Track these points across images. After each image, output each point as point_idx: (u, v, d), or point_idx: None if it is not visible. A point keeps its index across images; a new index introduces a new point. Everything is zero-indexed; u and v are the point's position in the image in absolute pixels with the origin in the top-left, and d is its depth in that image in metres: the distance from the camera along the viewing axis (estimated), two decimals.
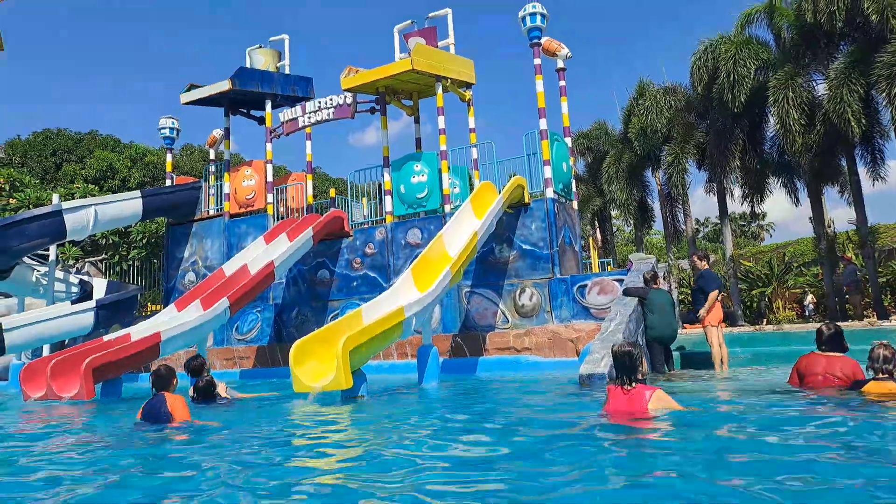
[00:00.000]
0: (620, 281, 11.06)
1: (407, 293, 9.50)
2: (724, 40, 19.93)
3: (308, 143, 16.60)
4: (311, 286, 14.57)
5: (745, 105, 19.16)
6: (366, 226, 14.57)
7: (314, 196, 16.57)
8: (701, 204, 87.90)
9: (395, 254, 13.63)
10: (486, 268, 12.67)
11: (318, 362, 8.15)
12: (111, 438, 5.58)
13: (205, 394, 7.09)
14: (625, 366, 4.79)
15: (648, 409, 4.65)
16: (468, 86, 14.58)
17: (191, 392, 7.13)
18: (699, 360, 10.16)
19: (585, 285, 11.67)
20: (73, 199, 17.90)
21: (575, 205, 14.02)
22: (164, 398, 5.55)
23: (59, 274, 15.22)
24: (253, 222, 15.48)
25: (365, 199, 16.38)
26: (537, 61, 13.24)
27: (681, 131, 22.22)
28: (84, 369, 9.51)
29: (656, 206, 27.28)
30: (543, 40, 13.54)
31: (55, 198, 14.46)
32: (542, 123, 12.79)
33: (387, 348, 12.27)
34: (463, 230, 11.04)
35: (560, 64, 14.31)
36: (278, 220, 15.26)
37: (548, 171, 12.56)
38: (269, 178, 15.50)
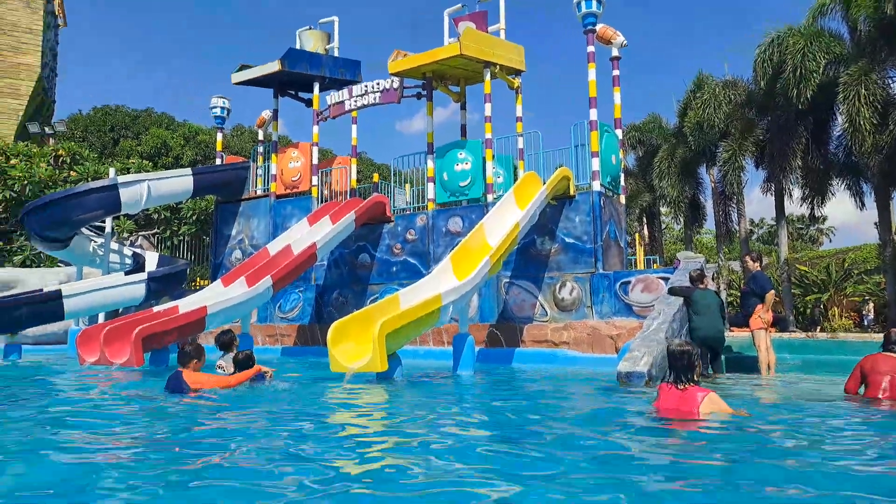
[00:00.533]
0: (666, 279, 10.76)
1: (445, 280, 9.46)
2: (793, 32, 19.09)
3: (354, 126, 16.67)
4: (351, 269, 14.68)
5: (812, 101, 18.37)
6: (407, 212, 14.57)
7: (358, 180, 16.66)
8: (757, 204, 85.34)
9: (435, 241, 13.60)
10: (526, 259, 12.52)
11: (354, 344, 8.20)
12: (137, 405, 5.71)
13: (242, 368, 7.18)
14: (682, 365, 4.73)
15: (700, 412, 4.54)
16: (517, 73, 14.36)
17: (219, 363, 7.24)
18: (746, 364, 9.83)
19: (629, 282, 11.40)
20: (129, 174, 18.43)
21: (622, 199, 13.70)
22: (180, 374, 5.71)
23: (115, 246, 15.74)
24: (298, 204, 15.67)
25: (408, 186, 16.38)
26: (591, 49, 12.91)
27: (739, 127, 21.50)
28: (134, 338, 9.79)
29: (709, 204, 26.55)
30: (598, 27, 13.18)
31: (112, 172, 14.94)
32: (593, 114, 12.51)
33: (423, 334, 12.31)
34: (504, 220, 10.91)
35: (615, 52, 13.92)
36: (322, 202, 15.41)
37: (595, 164, 12.29)
38: (315, 161, 15.63)
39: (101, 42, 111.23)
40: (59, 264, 16.82)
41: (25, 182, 17.03)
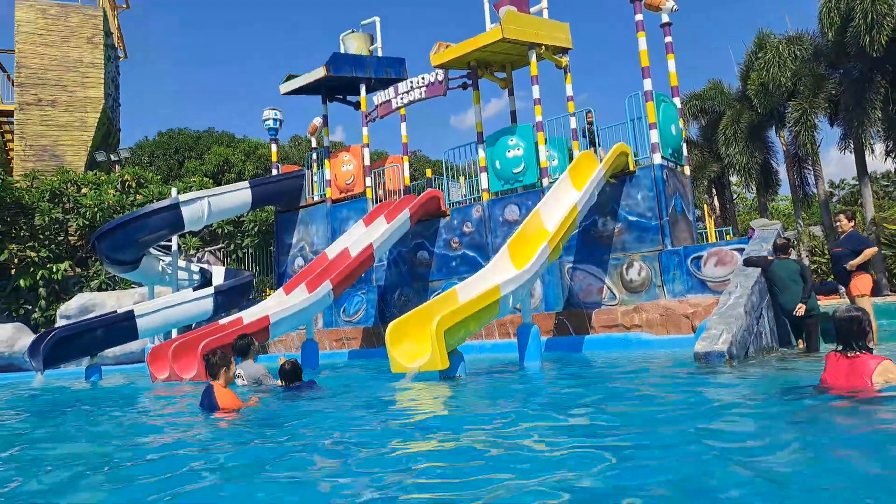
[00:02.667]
0: (741, 250, 10.08)
1: (503, 271, 9.13)
2: None
3: (403, 124, 16.53)
4: (411, 267, 14.54)
5: (887, 47, 16.97)
6: (463, 204, 14.31)
7: (412, 178, 16.51)
8: (836, 164, 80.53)
9: (493, 231, 13.28)
10: (589, 242, 12.03)
11: (413, 342, 8.01)
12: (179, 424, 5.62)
13: (293, 377, 7.06)
14: (851, 332, 4.30)
15: (872, 382, 4.09)
16: (564, 51, 13.84)
17: (238, 372, 7.12)
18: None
19: (701, 256, 10.76)
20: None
21: (687, 171, 12.99)
22: (212, 389, 5.57)
23: (182, 263, 16.16)
24: (353, 206, 15.66)
25: (463, 179, 16.11)
26: (639, 17, 12.30)
27: (809, 84, 20.18)
28: (200, 352, 9.93)
29: (782, 169, 25.12)
30: None
31: (174, 192, 15.33)
32: (647, 84, 11.90)
33: (487, 327, 12.03)
34: (561, 203, 10.48)
35: (665, 18, 13.21)
36: (377, 202, 15.34)
37: (654, 136, 11.68)
38: (367, 162, 15.58)
39: (160, 70, 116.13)
40: (133, 286, 17.43)
41: (96, 209, 17.75)
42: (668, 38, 13.16)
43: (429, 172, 16.92)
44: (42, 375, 11.80)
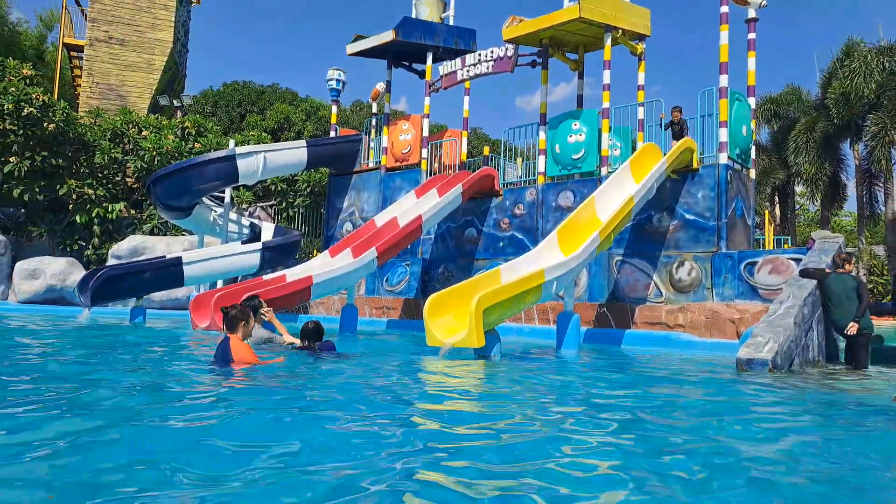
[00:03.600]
0: (798, 261, 9.66)
1: (550, 255, 8.97)
2: None
3: (466, 98, 16.32)
4: (458, 243, 14.46)
5: None
6: (517, 185, 14.10)
7: (469, 154, 16.33)
8: None
9: (544, 216, 13.06)
10: (641, 236, 11.72)
11: (452, 318, 7.95)
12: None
13: (314, 336, 6.97)
14: None
15: None
16: (641, 38, 13.39)
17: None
18: None
19: (755, 262, 10.36)
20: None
21: (752, 174, 12.49)
22: (228, 341, 5.51)
23: (233, 216, 16.38)
24: (406, 176, 15.61)
25: (520, 160, 15.87)
26: (724, 9, 11.75)
27: (893, 98, 19.11)
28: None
29: (851, 184, 24.01)
30: None
31: (231, 143, 15.52)
32: (723, 80, 11.42)
33: (528, 311, 11.90)
34: (618, 194, 10.21)
35: (752, 14, 12.63)
36: (431, 175, 15.25)
37: (723, 134, 11.23)
38: (425, 133, 15.47)
39: (231, 19, 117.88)
40: (184, 233, 17.80)
41: (154, 153, 18.07)
42: (752, 35, 12.60)
43: (486, 150, 16.73)
44: (88, 311, 12.14)
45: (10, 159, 16.45)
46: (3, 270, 16.20)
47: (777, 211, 25.77)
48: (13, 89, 16.26)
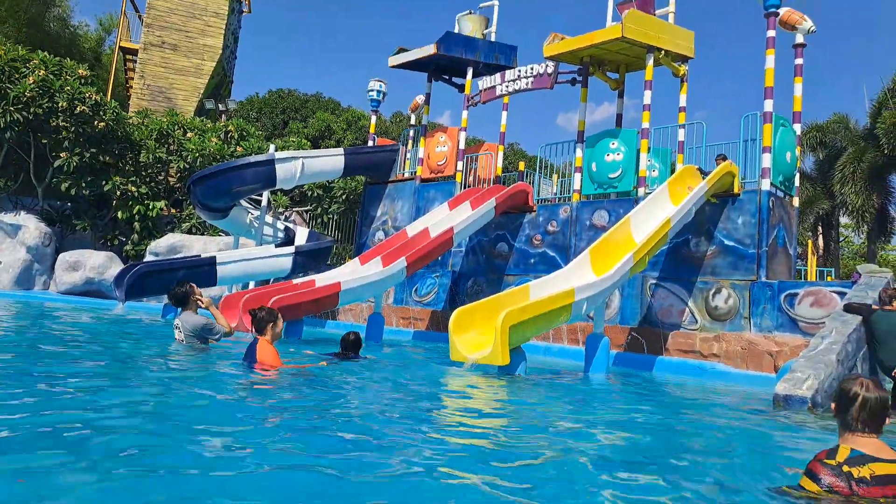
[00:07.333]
0: (842, 294, 9.30)
1: (581, 275, 8.81)
2: None
3: (504, 113, 16.27)
4: (489, 258, 14.36)
5: None
6: (551, 202, 13.95)
7: (504, 169, 16.25)
8: None
9: (577, 235, 12.87)
10: (677, 260, 11.45)
11: (477, 333, 7.86)
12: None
13: (352, 347, 7.01)
14: None
15: None
16: (684, 59, 13.18)
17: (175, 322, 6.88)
18: None
19: (796, 294, 10.01)
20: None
21: (795, 202, 12.14)
22: (255, 343, 5.56)
23: (269, 219, 16.58)
24: (441, 188, 15.60)
25: (556, 177, 15.71)
26: (771, 34, 11.49)
27: None
28: (272, 306, 10.15)
29: None
30: (783, 10, 11.71)
31: (271, 148, 15.74)
32: (768, 105, 11.13)
33: (556, 330, 11.71)
34: (655, 215, 10.01)
35: (799, 39, 12.31)
36: (465, 188, 15.21)
37: (766, 160, 10.93)
38: (461, 146, 15.45)
39: (280, 30, 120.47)
40: (221, 233, 18.07)
41: (197, 154, 18.47)
42: (800, 61, 12.29)
43: (521, 165, 16.60)
44: (123, 305, 12.35)
45: (61, 154, 16.99)
46: (46, 261, 16.63)
47: (820, 241, 25.04)
48: (68, 88, 16.78)
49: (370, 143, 17.88)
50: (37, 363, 5.27)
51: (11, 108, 16.13)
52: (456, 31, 16.19)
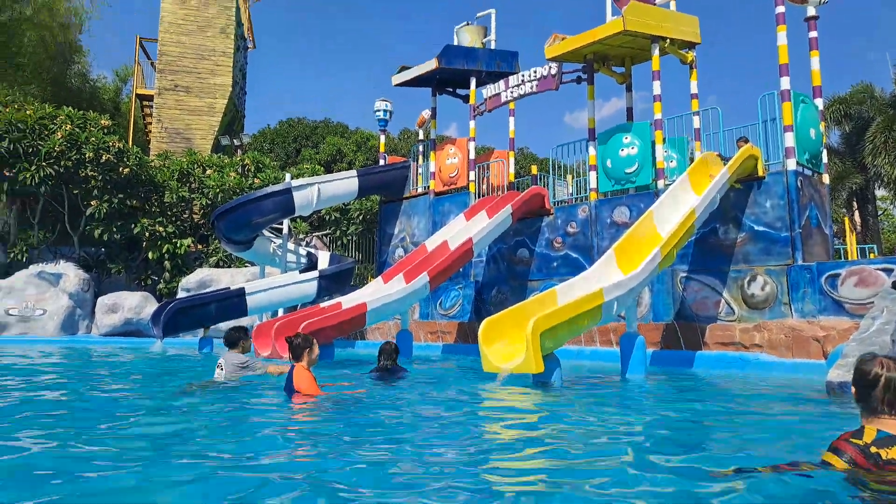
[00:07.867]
0: (888, 271, 8.89)
1: (608, 274, 8.53)
2: None
3: (511, 119, 16.12)
4: (510, 265, 14.13)
5: None
6: (568, 203, 13.70)
7: (517, 174, 16.05)
8: None
9: (599, 234, 12.59)
10: (706, 250, 11.10)
11: (508, 342, 7.63)
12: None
13: (390, 354, 7.07)
14: None
15: None
16: (691, 46, 12.90)
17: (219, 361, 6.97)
18: None
19: (838, 275, 9.59)
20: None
21: (826, 179, 11.72)
22: (292, 371, 5.52)
23: (291, 246, 16.65)
24: (455, 199, 15.46)
25: (570, 177, 15.47)
26: (780, 9, 11.15)
27: None
28: (302, 331, 10.05)
29: None
30: None
31: (287, 177, 15.80)
32: (785, 82, 10.78)
33: (588, 333, 11.41)
34: (678, 207, 9.70)
35: (811, 12, 11.94)
36: (479, 197, 15.04)
37: (789, 139, 10.57)
38: (472, 156, 15.31)
39: (283, 61, 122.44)
40: (247, 264, 18.17)
41: (218, 190, 18.76)
42: (813, 34, 11.92)
43: (534, 169, 16.39)
44: (161, 342, 12.46)
45: (92, 203, 17.58)
46: (87, 306, 16.99)
47: (857, 218, 24.27)
48: (93, 139, 17.29)
49: (381, 162, 17.85)
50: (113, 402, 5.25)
51: (44, 164, 16.87)
52: (455, 43, 16.15)
